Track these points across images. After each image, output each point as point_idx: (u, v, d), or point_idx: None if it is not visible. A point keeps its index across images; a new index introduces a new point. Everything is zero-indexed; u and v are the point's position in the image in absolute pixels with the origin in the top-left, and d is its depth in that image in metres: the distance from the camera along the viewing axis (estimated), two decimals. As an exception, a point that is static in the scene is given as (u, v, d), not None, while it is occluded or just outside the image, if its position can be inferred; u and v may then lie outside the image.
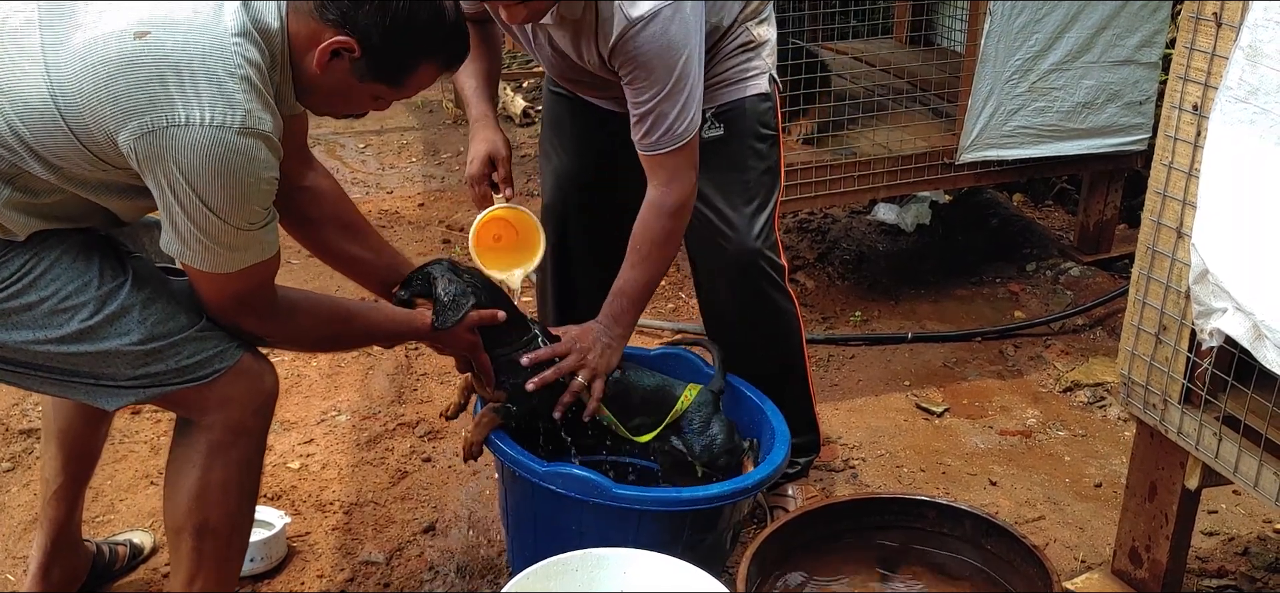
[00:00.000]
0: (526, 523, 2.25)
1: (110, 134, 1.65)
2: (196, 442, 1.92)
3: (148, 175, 1.68)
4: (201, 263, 1.76)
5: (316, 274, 4.05)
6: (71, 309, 1.77)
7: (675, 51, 2.13)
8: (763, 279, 2.48)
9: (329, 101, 1.90)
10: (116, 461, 2.91)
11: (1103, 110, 3.74)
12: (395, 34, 1.77)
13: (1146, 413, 2.14)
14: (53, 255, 1.77)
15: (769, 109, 2.49)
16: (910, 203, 4.49)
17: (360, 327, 2.11)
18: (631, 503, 2.09)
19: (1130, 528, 2.30)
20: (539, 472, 2.10)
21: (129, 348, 1.80)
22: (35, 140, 1.67)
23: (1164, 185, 2.01)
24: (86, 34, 1.66)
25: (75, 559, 2.34)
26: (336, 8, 1.74)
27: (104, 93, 1.63)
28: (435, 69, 1.88)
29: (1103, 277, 4.04)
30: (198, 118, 1.63)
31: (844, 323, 3.80)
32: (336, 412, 3.19)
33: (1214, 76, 1.87)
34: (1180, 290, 2.00)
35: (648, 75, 2.14)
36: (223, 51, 1.65)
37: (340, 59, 1.78)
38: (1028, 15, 3.52)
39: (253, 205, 1.74)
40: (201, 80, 1.64)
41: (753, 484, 2.19)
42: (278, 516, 2.59)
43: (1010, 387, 3.43)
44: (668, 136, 2.20)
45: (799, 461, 2.73)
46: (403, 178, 5.14)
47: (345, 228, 2.19)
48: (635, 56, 2.13)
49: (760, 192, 2.47)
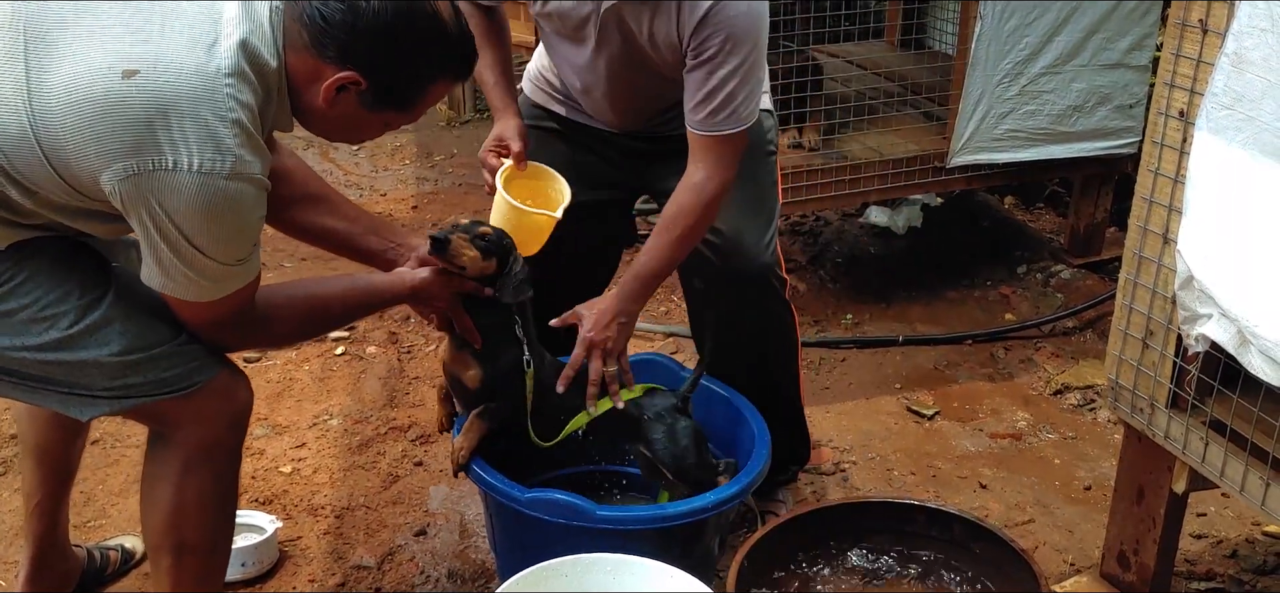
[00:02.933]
0: (515, 549, 2.23)
1: (92, 172, 1.61)
2: (170, 458, 1.90)
3: (130, 214, 1.65)
4: (185, 294, 1.74)
5: (311, 275, 4.05)
6: (51, 318, 1.74)
7: (761, 25, 2.16)
8: (769, 293, 2.48)
9: (339, 133, 1.87)
10: (108, 465, 2.91)
11: (1093, 114, 3.75)
12: (398, 61, 1.73)
13: (1134, 417, 2.15)
14: (33, 263, 1.74)
15: (772, 126, 2.52)
16: (902, 206, 4.50)
17: (339, 309, 2.07)
18: (616, 525, 2.09)
19: (1119, 531, 2.30)
20: (522, 499, 2.09)
21: (107, 359, 1.77)
22: (12, 166, 1.64)
23: (1150, 191, 2.02)
24: (72, 65, 1.60)
25: (64, 566, 2.34)
26: (334, 44, 1.69)
27: (88, 133, 1.58)
28: (444, 86, 1.84)
29: (1093, 279, 4.06)
30: (186, 163, 1.59)
31: (835, 326, 3.81)
32: (328, 416, 3.19)
33: (1200, 83, 1.88)
34: (1167, 296, 2.01)
35: (734, 46, 2.13)
36: (213, 95, 1.61)
37: (347, 93, 1.73)
38: (1018, 19, 3.53)
39: (239, 245, 1.72)
40: (190, 125, 1.59)
41: (736, 493, 2.18)
42: (269, 520, 2.59)
43: (1000, 390, 3.44)
44: (732, 116, 2.18)
45: (792, 467, 2.75)
46: (396, 181, 5.14)
47: (318, 201, 2.15)
48: (727, 23, 2.11)
49: (767, 207, 2.47)
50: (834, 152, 3.73)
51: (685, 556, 2.14)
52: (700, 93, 2.18)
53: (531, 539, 2.14)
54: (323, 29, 1.68)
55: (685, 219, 2.25)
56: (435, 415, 2.44)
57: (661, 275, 2.33)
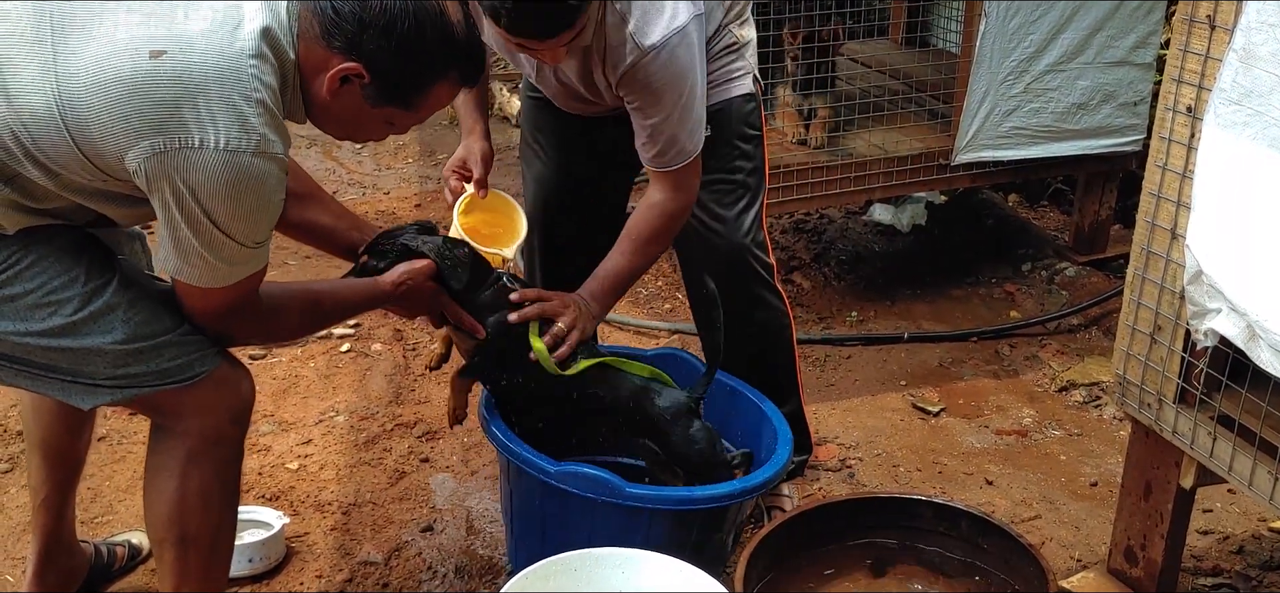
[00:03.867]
0: (533, 521, 2.25)
1: (118, 151, 1.63)
2: (173, 449, 1.91)
3: (154, 193, 1.67)
4: (197, 279, 1.76)
5: (315, 275, 4.05)
6: (56, 303, 1.75)
7: (684, 77, 2.17)
8: (750, 276, 2.50)
9: (342, 127, 1.89)
10: (115, 461, 2.92)
11: (1098, 111, 3.75)
12: (403, 57, 1.75)
13: (1142, 412, 2.15)
14: (40, 249, 1.75)
15: (753, 109, 2.51)
16: (906, 203, 4.50)
17: (331, 306, 2.10)
18: (643, 502, 2.10)
19: (1126, 527, 2.31)
20: (552, 472, 2.11)
21: (111, 346, 1.78)
22: (36, 147, 1.66)
23: (1158, 187, 2.03)
24: (99, 46, 1.63)
25: (71, 562, 2.34)
26: (342, 35, 1.72)
27: (116, 112, 1.61)
28: (449, 88, 1.86)
29: (1098, 277, 4.05)
30: (212, 141, 1.63)
31: (840, 323, 3.81)
32: (334, 412, 3.19)
33: (1208, 79, 1.88)
34: (1175, 291, 2.01)
35: (657, 102, 2.17)
36: (239, 75, 1.64)
37: (350, 85, 1.76)
38: (1023, 17, 3.53)
39: (260, 225, 1.74)
40: (217, 104, 1.62)
41: (760, 483, 2.21)
42: (276, 516, 2.60)
43: (1006, 387, 3.44)
44: (678, 154, 2.24)
45: (793, 459, 2.74)
46: (399, 179, 5.14)
47: (304, 197, 2.17)
48: (647, 85, 2.15)
49: (748, 191, 2.49)
50: (839, 149, 3.73)
51: (702, 545, 2.15)
52: (642, 138, 2.24)
53: (553, 513, 2.15)
54: (333, 20, 1.72)
55: (645, 232, 2.31)
56: (444, 409, 2.43)
57: (625, 282, 2.36)
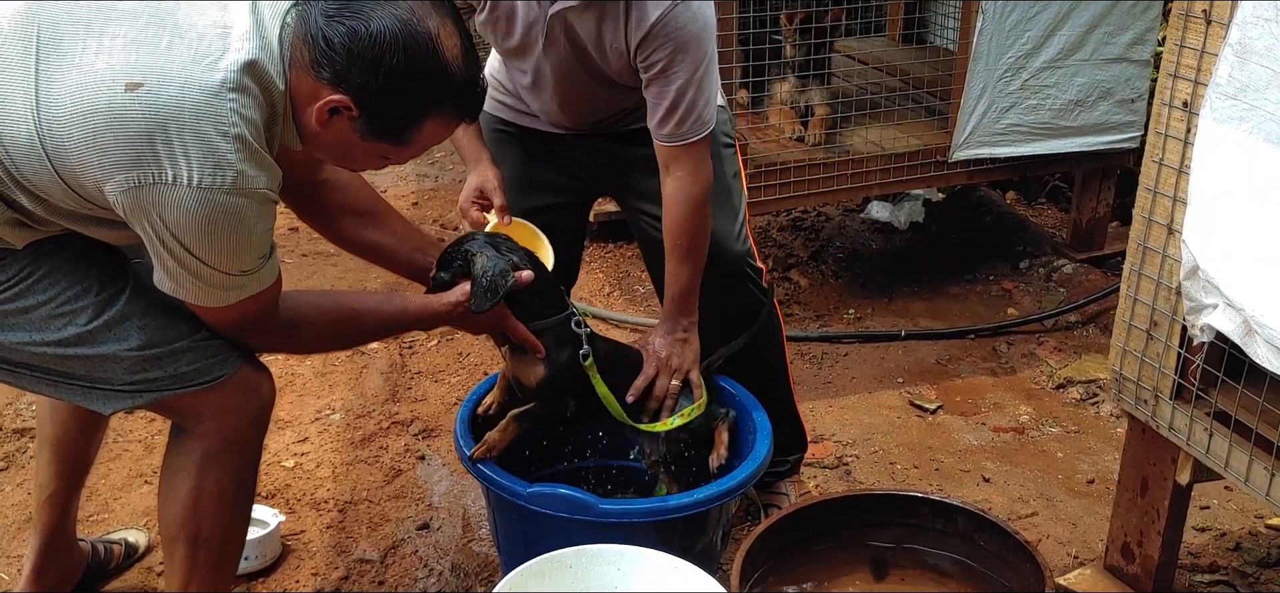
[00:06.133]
0: (517, 544, 2.23)
1: (97, 182, 1.61)
2: (191, 450, 1.90)
3: (134, 223, 1.65)
4: (195, 300, 1.74)
5: (312, 274, 4.05)
6: (69, 314, 1.75)
7: (709, 31, 2.16)
8: (747, 283, 2.50)
9: (335, 157, 1.85)
10: (111, 459, 2.91)
11: (1095, 108, 3.75)
12: (392, 92, 1.67)
13: (1138, 409, 2.15)
14: (52, 261, 1.75)
15: (728, 119, 2.53)
16: (903, 201, 4.50)
17: (371, 323, 2.05)
18: (619, 518, 2.09)
19: (1122, 524, 2.30)
20: (524, 494, 2.09)
21: (127, 354, 1.78)
22: (20, 175, 1.64)
23: (1155, 182, 2.02)
24: (80, 76, 1.59)
25: (70, 560, 2.34)
26: (330, 66, 1.64)
27: (91, 143, 1.58)
28: (443, 124, 1.78)
29: (1095, 274, 4.05)
30: (185, 177, 1.58)
31: (838, 320, 3.81)
32: (330, 410, 3.19)
33: (1204, 73, 1.88)
34: (1171, 286, 2.01)
35: (684, 57, 2.14)
36: (216, 110, 1.59)
37: (340, 117, 1.69)
38: (1020, 13, 3.53)
39: (243, 258, 1.70)
40: (190, 139, 1.58)
41: (737, 485, 2.18)
42: (272, 514, 2.59)
43: (1003, 384, 3.44)
44: (696, 124, 2.20)
45: (789, 458, 2.74)
46: (397, 176, 5.13)
47: (365, 216, 2.13)
48: (675, 35, 2.12)
49: (732, 198, 2.48)
50: (836, 146, 3.73)
51: (687, 549, 2.14)
52: (661, 108, 2.20)
53: (534, 534, 2.14)
54: (323, 50, 1.64)
55: (688, 230, 2.29)
56: (441, 408, 2.43)
57: (694, 285, 2.35)
